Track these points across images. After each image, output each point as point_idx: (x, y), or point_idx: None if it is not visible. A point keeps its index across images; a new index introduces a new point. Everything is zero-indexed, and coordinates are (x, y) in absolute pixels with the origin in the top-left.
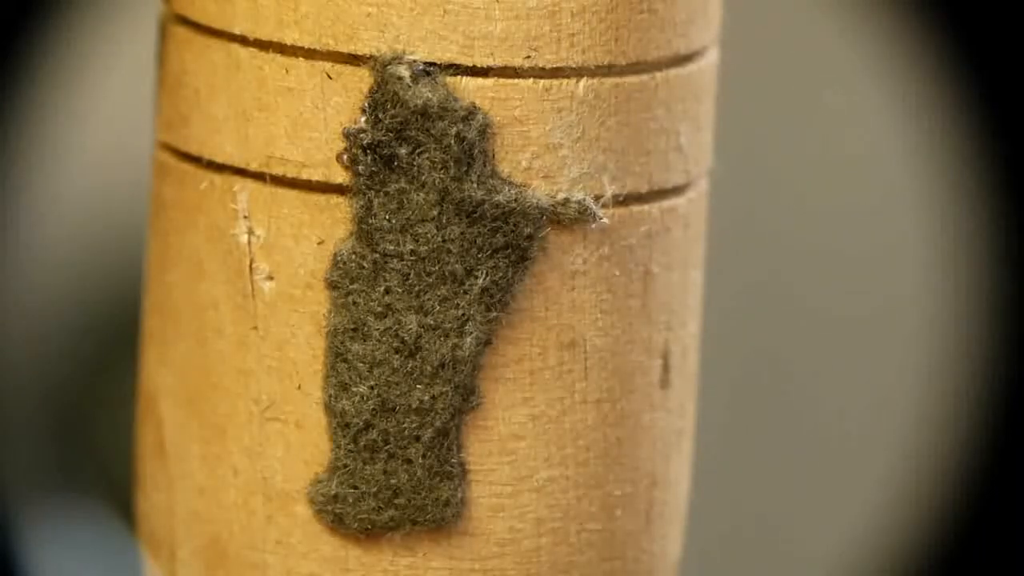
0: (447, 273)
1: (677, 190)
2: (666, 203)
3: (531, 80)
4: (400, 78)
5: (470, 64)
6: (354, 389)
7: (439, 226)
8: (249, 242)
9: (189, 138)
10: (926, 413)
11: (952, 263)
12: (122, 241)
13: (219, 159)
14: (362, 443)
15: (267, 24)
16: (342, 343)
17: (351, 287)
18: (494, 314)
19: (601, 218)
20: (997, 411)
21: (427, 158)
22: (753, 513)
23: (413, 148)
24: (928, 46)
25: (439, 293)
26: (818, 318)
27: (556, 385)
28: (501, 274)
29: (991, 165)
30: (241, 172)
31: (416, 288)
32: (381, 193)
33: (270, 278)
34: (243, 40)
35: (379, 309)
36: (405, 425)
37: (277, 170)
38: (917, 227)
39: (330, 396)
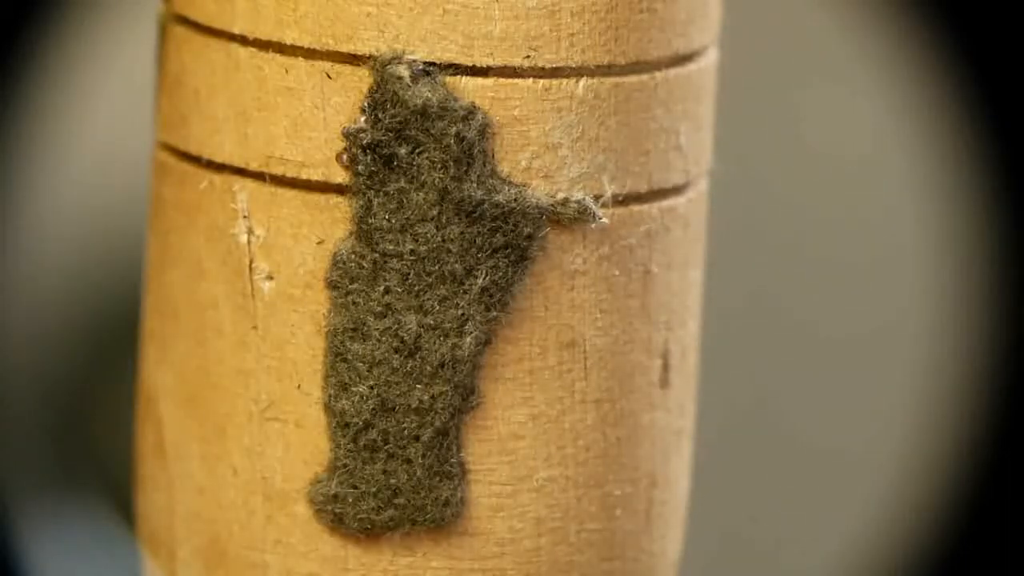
0: (447, 273)
1: (677, 190)
2: (666, 203)
3: (531, 80)
4: (400, 78)
5: (470, 64)
6: (354, 389)
7: (439, 226)
8: (249, 242)
9: (189, 138)
10: (926, 411)
11: (952, 259)
12: (122, 241)
13: (219, 159)
14: (362, 443)
15: (267, 24)
16: (342, 343)
17: (351, 287)
18: (494, 314)
19: (601, 218)
20: (997, 412)
21: (427, 158)
22: (753, 513)
23: (413, 148)
24: (928, 46)
25: (439, 293)
26: (818, 317)
27: (556, 385)
28: (501, 274)
29: (991, 166)
30: (241, 172)
31: (416, 288)
32: (381, 193)
33: (270, 278)
34: (243, 40)
35: (379, 309)
36: (405, 425)
37: (277, 170)
38: (917, 226)
39: (330, 396)
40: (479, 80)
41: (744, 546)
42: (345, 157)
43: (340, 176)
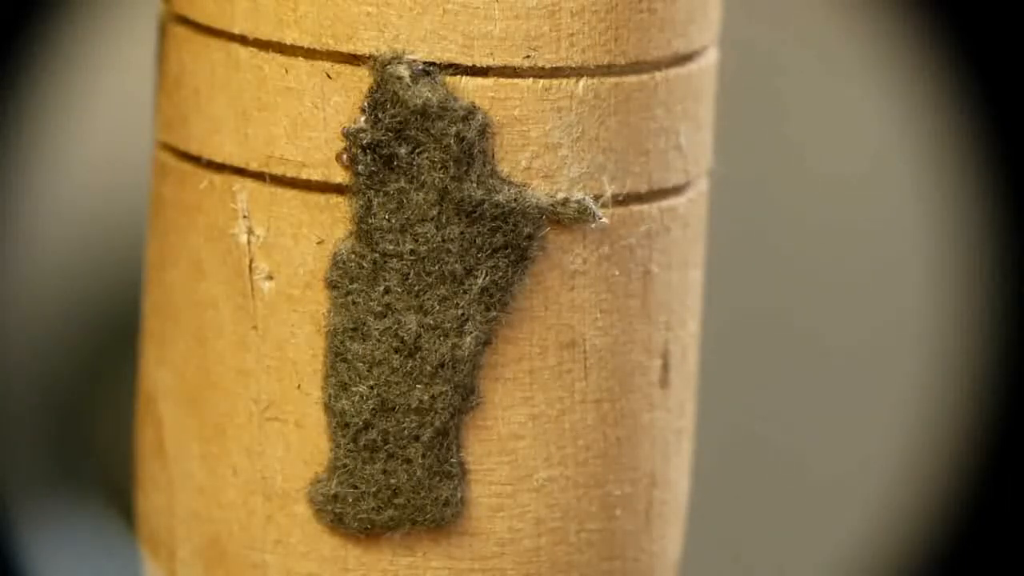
0: (447, 273)
1: (677, 190)
2: (665, 203)
3: (531, 80)
4: (400, 78)
5: (470, 64)
6: (354, 389)
7: (439, 226)
8: (248, 242)
9: (189, 138)
10: (926, 411)
11: (952, 259)
12: (122, 241)
13: (219, 159)
14: (362, 443)
15: (267, 24)
16: (342, 343)
17: (351, 287)
18: (494, 314)
19: (601, 218)
20: (997, 413)
21: (427, 158)
22: (753, 513)
23: (413, 148)
24: (929, 47)
25: (439, 293)
26: (819, 315)
27: (556, 385)
28: (501, 274)
29: (992, 168)
30: (241, 172)
31: (416, 288)
32: (381, 193)
33: (270, 278)
34: (243, 40)
35: (379, 309)
36: (405, 425)
37: (277, 170)
38: (917, 226)
39: (330, 396)
40: (479, 80)
41: (744, 546)
42: (345, 157)
43: (340, 176)
